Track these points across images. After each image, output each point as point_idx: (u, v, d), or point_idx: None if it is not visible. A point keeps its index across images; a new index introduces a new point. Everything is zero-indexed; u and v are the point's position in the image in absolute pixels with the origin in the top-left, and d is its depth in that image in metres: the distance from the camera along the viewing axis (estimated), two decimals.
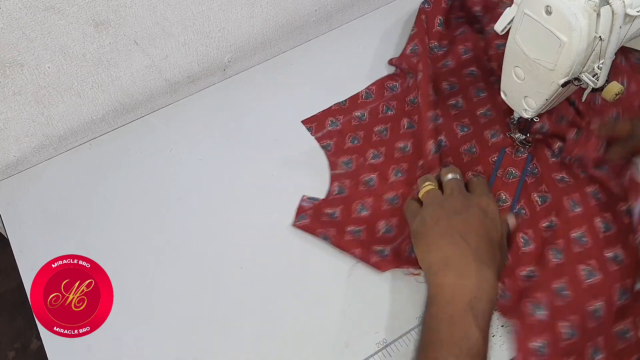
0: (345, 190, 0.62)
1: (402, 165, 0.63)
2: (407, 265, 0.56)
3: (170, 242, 0.62)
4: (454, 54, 0.73)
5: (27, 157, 0.69)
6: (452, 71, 0.72)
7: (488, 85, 0.70)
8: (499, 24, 0.54)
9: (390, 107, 0.69)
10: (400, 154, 0.64)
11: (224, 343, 0.55)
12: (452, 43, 0.74)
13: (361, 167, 0.64)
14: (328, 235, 0.58)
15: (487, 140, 0.65)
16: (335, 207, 0.61)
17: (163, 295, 0.58)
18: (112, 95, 0.69)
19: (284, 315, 0.56)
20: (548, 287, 0.53)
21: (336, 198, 0.62)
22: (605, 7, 0.44)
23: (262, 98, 0.73)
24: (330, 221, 0.60)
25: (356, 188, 0.62)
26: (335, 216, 0.60)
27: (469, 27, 0.74)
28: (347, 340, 0.54)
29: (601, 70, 0.48)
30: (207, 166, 0.67)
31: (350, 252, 0.57)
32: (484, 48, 0.72)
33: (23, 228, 0.63)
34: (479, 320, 0.45)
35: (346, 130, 0.68)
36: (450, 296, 0.47)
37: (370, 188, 0.62)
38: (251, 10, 0.71)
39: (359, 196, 0.61)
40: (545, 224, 0.58)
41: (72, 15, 0.58)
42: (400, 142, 0.65)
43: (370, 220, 0.60)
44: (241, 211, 0.63)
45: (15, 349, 1.16)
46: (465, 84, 0.71)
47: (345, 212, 0.60)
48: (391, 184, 0.62)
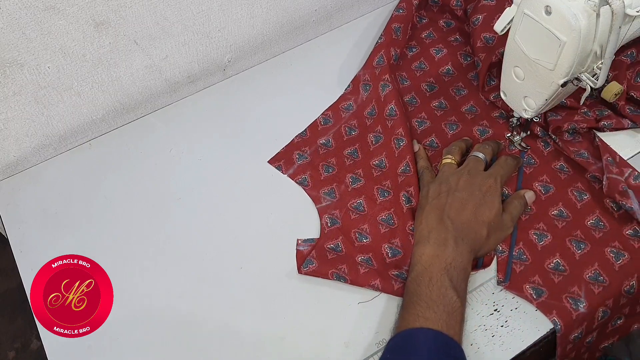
0: (338, 221, 0.61)
1: (385, 184, 0.62)
2: None
3: (170, 242, 0.62)
4: (426, 55, 0.73)
5: (27, 157, 0.69)
6: (428, 73, 0.72)
7: (466, 82, 0.70)
8: (498, 24, 0.54)
9: (352, 127, 0.68)
10: (378, 171, 0.63)
11: (223, 343, 0.55)
12: (422, 44, 0.74)
13: (345, 195, 0.62)
14: (342, 275, 0.56)
15: (477, 136, 0.65)
16: (335, 240, 0.59)
17: (163, 295, 0.58)
18: (112, 95, 0.69)
19: (284, 315, 0.56)
20: (582, 278, 0.54)
21: (332, 230, 0.60)
22: (605, 7, 0.44)
23: (262, 98, 0.73)
24: (338, 256, 0.58)
25: (348, 217, 0.61)
26: (340, 249, 0.59)
27: (437, 26, 0.75)
28: (347, 340, 0.54)
29: (601, 70, 0.48)
30: (207, 166, 0.67)
31: (370, 286, 0.56)
32: (461, 45, 0.73)
33: (23, 228, 0.63)
34: (454, 284, 0.50)
35: (317, 161, 0.66)
36: (428, 263, 0.52)
37: (361, 214, 0.61)
38: (251, 10, 0.71)
39: (354, 224, 0.60)
40: (555, 212, 0.59)
41: (72, 15, 0.58)
42: (374, 160, 0.64)
43: (375, 247, 0.58)
44: (241, 211, 0.63)
45: (15, 349, 1.16)
46: (445, 84, 0.71)
47: (347, 242, 0.59)
48: (381, 205, 0.61)
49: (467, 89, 0.70)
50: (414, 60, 0.73)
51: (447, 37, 0.74)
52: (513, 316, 0.54)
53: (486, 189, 0.56)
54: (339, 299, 0.56)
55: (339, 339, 0.54)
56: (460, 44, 0.73)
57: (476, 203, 0.55)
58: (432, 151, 0.65)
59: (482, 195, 0.55)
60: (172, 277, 0.59)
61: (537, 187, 0.61)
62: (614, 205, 0.58)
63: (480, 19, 0.69)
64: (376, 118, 0.67)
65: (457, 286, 0.50)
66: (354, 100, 0.71)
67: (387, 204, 0.61)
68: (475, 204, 0.55)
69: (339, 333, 0.54)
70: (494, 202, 0.55)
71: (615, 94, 0.52)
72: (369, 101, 0.69)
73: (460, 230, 0.53)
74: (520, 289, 0.54)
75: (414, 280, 0.52)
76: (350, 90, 0.72)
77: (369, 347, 0.53)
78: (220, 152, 0.68)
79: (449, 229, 0.53)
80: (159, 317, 0.57)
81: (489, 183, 0.56)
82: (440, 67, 0.72)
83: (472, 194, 0.55)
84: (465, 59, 0.72)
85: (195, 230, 0.62)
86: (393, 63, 0.71)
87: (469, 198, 0.55)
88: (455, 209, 0.54)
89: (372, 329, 0.54)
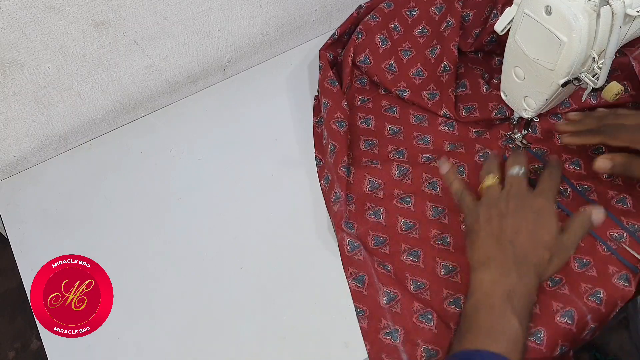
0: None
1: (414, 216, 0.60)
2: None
3: (170, 242, 0.62)
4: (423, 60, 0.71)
5: (27, 157, 0.69)
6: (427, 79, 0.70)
7: (438, 84, 0.69)
8: (499, 24, 0.54)
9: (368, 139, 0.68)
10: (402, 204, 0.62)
11: (223, 343, 0.55)
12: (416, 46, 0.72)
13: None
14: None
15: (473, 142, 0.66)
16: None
17: (163, 295, 0.58)
18: (112, 95, 0.69)
19: (284, 315, 0.56)
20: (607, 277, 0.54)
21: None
22: (605, 7, 0.44)
23: (262, 98, 0.73)
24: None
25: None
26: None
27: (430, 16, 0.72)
28: (347, 340, 0.54)
29: (601, 70, 0.48)
30: (207, 166, 0.67)
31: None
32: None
33: (23, 228, 0.63)
34: (517, 312, 0.47)
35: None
36: (489, 290, 0.49)
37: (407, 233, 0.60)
38: (251, 10, 0.71)
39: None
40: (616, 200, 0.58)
41: (72, 15, 0.58)
42: (399, 190, 0.62)
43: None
44: (241, 211, 0.63)
45: (15, 349, 1.16)
46: (415, 87, 0.69)
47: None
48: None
49: (439, 94, 0.69)
50: (411, 66, 0.71)
51: (439, 26, 0.71)
52: None
53: (538, 209, 0.52)
54: (339, 299, 0.56)
55: (339, 339, 0.54)
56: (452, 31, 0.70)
57: (532, 226, 0.52)
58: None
59: (537, 217, 0.52)
60: (172, 277, 0.59)
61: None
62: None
63: (471, 16, 0.69)
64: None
65: (519, 314, 0.48)
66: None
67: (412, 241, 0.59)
68: (531, 227, 0.52)
69: (339, 333, 0.54)
70: (550, 222, 0.52)
71: (615, 94, 0.52)
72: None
73: (521, 255, 0.50)
74: None
75: (473, 307, 0.50)
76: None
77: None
78: (220, 152, 0.68)
79: (508, 254, 0.50)
80: (159, 317, 0.57)
81: (540, 203, 0.53)
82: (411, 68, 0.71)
83: (525, 217, 0.52)
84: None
85: (195, 230, 0.62)
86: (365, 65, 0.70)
87: (523, 221, 0.52)
88: (513, 233, 0.51)
89: None
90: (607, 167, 0.55)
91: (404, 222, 0.60)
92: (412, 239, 0.59)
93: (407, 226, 0.60)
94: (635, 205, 0.57)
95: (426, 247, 0.58)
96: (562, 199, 0.60)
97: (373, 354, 0.52)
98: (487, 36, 0.69)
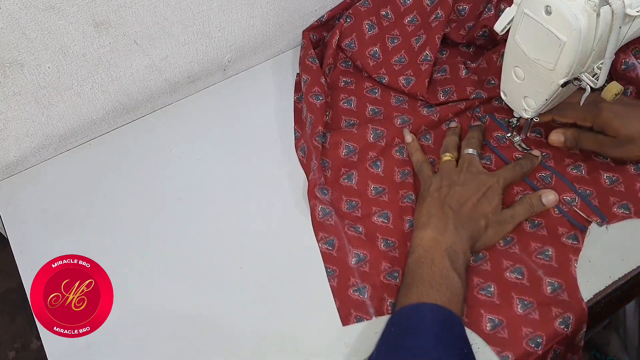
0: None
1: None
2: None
3: (169, 242, 0.62)
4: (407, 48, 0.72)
5: (27, 157, 0.69)
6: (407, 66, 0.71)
7: (416, 71, 0.70)
8: (498, 24, 0.54)
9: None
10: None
11: (223, 343, 0.55)
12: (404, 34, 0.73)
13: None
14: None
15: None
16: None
17: (163, 295, 0.58)
18: (112, 95, 0.69)
19: (283, 315, 0.56)
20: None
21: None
22: (605, 7, 0.44)
23: (262, 98, 0.73)
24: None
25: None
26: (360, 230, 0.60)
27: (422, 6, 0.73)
28: (347, 340, 0.54)
29: (601, 70, 0.48)
30: (207, 166, 0.67)
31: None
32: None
33: (23, 228, 0.63)
34: (455, 266, 0.52)
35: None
36: (429, 245, 0.54)
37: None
38: (251, 10, 0.71)
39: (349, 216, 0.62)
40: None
41: (72, 15, 0.58)
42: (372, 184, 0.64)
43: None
44: (240, 211, 0.63)
45: (15, 349, 1.16)
46: (394, 72, 0.71)
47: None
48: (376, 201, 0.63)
49: (408, 101, 0.70)
50: (395, 53, 0.72)
51: (429, 17, 0.71)
52: None
53: (488, 186, 0.58)
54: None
55: (339, 339, 0.54)
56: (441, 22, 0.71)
57: (476, 197, 0.57)
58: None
59: (483, 192, 0.57)
60: (172, 277, 0.59)
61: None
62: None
63: (467, 9, 0.70)
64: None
65: (457, 268, 0.52)
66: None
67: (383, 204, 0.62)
68: (475, 199, 0.57)
69: (339, 333, 0.54)
70: (493, 198, 0.57)
71: (615, 94, 0.52)
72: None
73: (459, 218, 0.55)
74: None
75: (415, 262, 0.54)
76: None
77: (369, 347, 0.53)
78: (220, 152, 0.68)
79: (449, 216, 0.55)
80: (158, 317, 0.57)
81: (491, 182, 0.58)
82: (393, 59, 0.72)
83: (473, 189, 0.58)
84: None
85: (195, 230, 0.62)
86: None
87: (470, 192, 0.57)
88: (457, 200, 0.57)
89: (372, 329, 0.54)
90: (560, 140, 0.60)
91: (374, 188, 0.63)
92: (382, 202, 0.62)
93: (376, 191, 0.63)
94: (589, 172, 0.61)
95: (395, 208, 0.62)
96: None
97: (343, 310, 0.56)
98: (479, 30, 0.70)
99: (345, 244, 0.59)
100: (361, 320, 0.55)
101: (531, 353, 0.51)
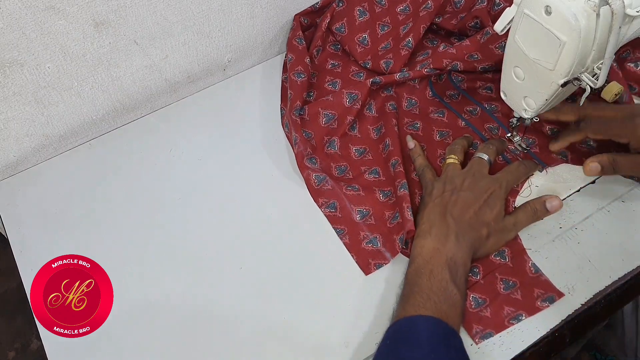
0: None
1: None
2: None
3: (169, 242, 0.62)
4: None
5: (27, 157, 0.69)
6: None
7: (396, 55, 0.71)
8: (498, 24, 0.54)
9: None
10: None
11: (223, 343, 0.55)
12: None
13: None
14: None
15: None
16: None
17: (163, 295, 0.58)
18: (112, 95, 0.69)
19: (283, 315, 0.56)
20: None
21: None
22: (605, 7, 0.44)
23: (262, 98, 0.73)
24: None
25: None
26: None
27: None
28: (347, 340, 0.54)
29: (601, 70, 0.49)
30: (207, 166, 0.67)
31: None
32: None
33: (23, 228, 0.63)
34: (454, 278, 0.52)
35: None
36: (429, 256, 0.53)
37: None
38: (251, 10, 0.71)
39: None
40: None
41: (72, 15, 0.58)
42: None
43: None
44: (240, 211, 0.63)
45: (15, 349, 1.16)
46: (378, 57, 0.71)
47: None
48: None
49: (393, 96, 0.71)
50: (383, 40, 0.73)
51: (419, 7, 0.72)
52: None
53: (490, 192, 0.56)
54: (340, 299, 0.56)
55: (339, 339, 0.54)
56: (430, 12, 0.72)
57: (479, 204, 0.56)
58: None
59: (485, 198, 0.56)
60: (172, 277, 0.59)
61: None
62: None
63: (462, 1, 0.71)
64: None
65: (456, 280, 0.52)
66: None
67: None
68: (477, 206, 0.56)
69: (339, 333, 0.54)
70: (495, 204, 0.56)
71: (615, 94, 0.52)
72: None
73: (461, 227, 0.54)
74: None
75: (415, 272, 0.53)
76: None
77: (369, 347, 0.53)
78: (220, 152, 0.68)
79: (450, 225, 0.54)
80: (159, 317, 0.57)
81: (493, 187, 0.57)
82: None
83: (475, 195, 0.56)
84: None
85: (195, 230, 0.62)
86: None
87: (472, 199, 0.56)
88: (459, 208, 0.55)
89: (372, 329, 0.54)
90: (598, 170, 0.57)
91: (356, 150, 0.66)
92: (367, 161, 0.65)
93: (359, 152, 0.66)
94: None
95: (380, 162, 0.65)
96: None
97: (361, 261, 0.58)
98: (471, 20, 0.70)
99: (347, 204, 0.61)
100: (380, 267, 0.57)
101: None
